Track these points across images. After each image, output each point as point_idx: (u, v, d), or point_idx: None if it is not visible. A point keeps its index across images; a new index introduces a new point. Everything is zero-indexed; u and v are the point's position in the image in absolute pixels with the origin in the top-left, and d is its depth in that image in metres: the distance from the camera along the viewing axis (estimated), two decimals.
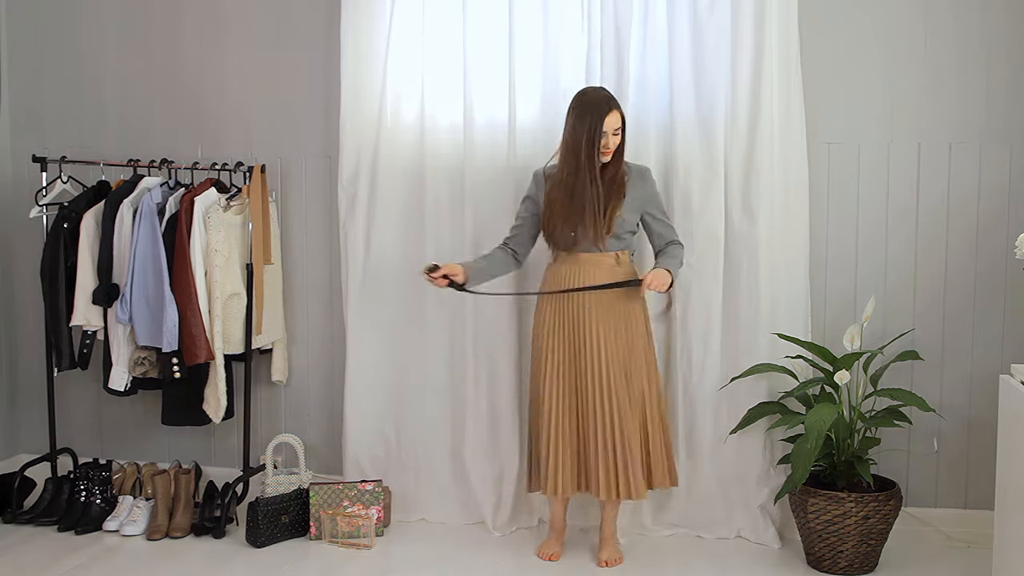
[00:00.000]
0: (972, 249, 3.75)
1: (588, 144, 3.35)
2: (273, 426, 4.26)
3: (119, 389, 3.89)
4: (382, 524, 3.85)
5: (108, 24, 4.31)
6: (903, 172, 3.77)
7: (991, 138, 3.71)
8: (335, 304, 4.16)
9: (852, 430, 3.49)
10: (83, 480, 4.00)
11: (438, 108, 3.90)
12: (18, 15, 4.40)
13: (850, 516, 3.37)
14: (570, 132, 3.38)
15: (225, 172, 4.09)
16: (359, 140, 3.94)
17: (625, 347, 3.44)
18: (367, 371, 3.99)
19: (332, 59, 3.98)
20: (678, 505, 3.82)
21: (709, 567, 3.56)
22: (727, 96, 3.68)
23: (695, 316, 3.74)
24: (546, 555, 3.62)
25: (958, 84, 3.72)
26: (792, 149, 3.68)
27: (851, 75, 3.77)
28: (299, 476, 3.93)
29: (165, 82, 4.27)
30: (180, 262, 3.79)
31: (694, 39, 3.70)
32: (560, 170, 3.43)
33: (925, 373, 3.77)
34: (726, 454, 3.74)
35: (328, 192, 4.13)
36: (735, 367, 3.70)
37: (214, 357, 3.84)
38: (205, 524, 3.87)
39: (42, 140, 4.35)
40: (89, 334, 3.93)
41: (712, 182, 3.70)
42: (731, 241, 3.71)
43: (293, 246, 4.21)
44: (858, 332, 3.56)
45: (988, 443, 3.33)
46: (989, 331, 3.76)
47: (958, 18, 3.70)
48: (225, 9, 4.20)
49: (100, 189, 4.03)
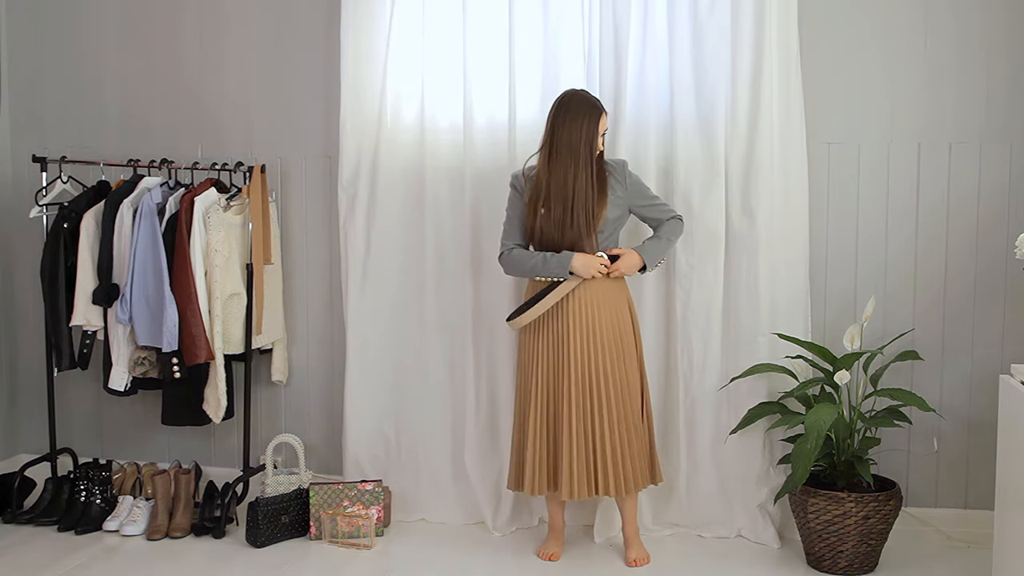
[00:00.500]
0: (972, 249, 3.75)
1: (587, 147, 3.36)
2: (273, 426, 4.26)
3: (119, 389, 3.89)
4: (382, 524, 3.85)
5: (108, 24, 4.31)
6: (903, 172, 3.77)
7: (991, 138, 3.71)
8: (335, 304, 4.16)
9: (852, 430, 3.49)
10: (83, 480, 4.00)
11: (438, 108, 3.90)
12: (18, 15, 4.40)
13: (850, 516, 3.37)
14: (565, 135, 3.37)
15: (225, 172, 4.09)
16: (359, 140, 3.94)
17: (610, 343, 3.43)
18: (367, 371, 3.99)
19: (332, 59, 3.98)
20: (678, 505, 3.82)
21: (709, 567, 3.56)
22: (727, 96, 3.68)
23: (695, 316, 3.74)
24: (546, 555, 3.62)
25: (958, 84, 3.71)
26: (792, 149, 3.68)
27: (851, 75, 3.76)
28: (299, 476, 3.93)
29: (165, 82, 4.27)
30: (180, 262, 3.79)
31: (694, 39, 3.70)
32: (550, 173, 3.39)
33: (925, 373, 3.77)
34: (726, 454, 3.74)
35: (328, 192, 4.13)
36: (735, 367, 3.70)
37: (214, 357, 3.84)
38: (205, 524, 3.87)
39: (42, 140, 4.35)
40: (89, 334, 3.93)
41: (712, 182, 3.70)
42: (731, 241, 3.71)
43: (293, 246, 4.21)
44: (858, 332, 3.56)
45: (988, 443, 3.33)
46: (989, 331, 3.75)
47: (958, 18, 3.70)
48: (225, 9, 4.21)
49: (100, 189, 4.03)
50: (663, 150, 3.76)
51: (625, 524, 3.59)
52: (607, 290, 3.45)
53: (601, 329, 3.43)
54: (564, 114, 3.39)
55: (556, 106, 3.43)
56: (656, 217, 3.54)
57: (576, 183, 3.36)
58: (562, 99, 3.43)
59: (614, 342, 3.44)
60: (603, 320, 3.43)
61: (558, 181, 3.38)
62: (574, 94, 3.44)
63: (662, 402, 3.81)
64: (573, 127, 3.36)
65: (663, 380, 3.82)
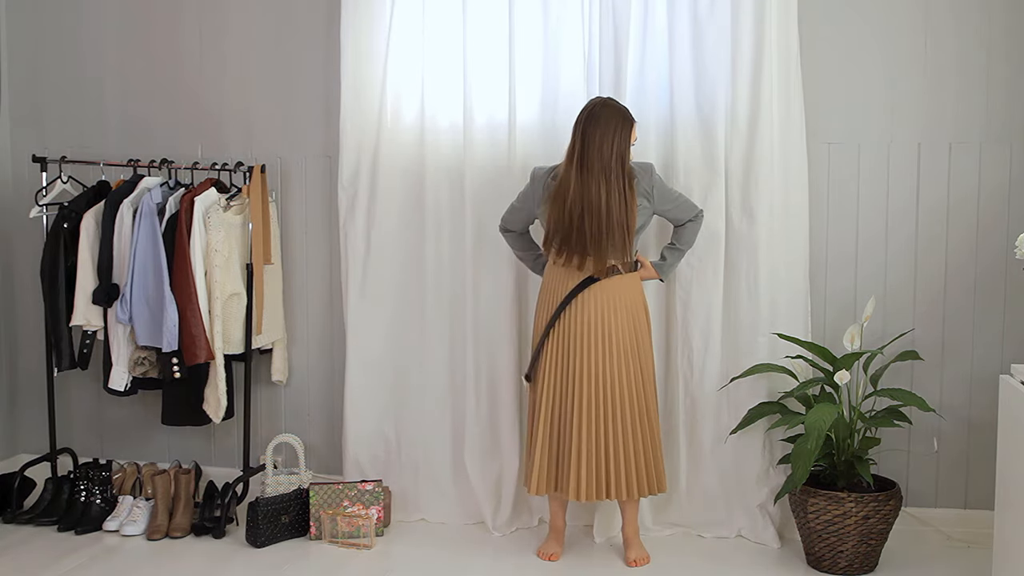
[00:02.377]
0: (972, 249, 3.75)
1: (619, 161, 3.32)
2: (273, 426, 4.26)
3: (119, 389, 3.89)
4: (382, 524, 3.85)
5: (108, 24, 4.31)
6: (903, 172, 3.77)
7: (991, 138, 3.71)
8: (335, 304, 4.16)
9: (852, 430, 3.49)
10: (83, 480, 4.00)
11: (438, 108, 3.90)
12: (18, 15, 4.40)
13: (850, 516, 3.37)
14: (596, 147, 3.30)
15: (225, 172, 4.09)
16: (359, 140, 3.94)
17: (626, 344, 3.43)
18: (367, 371, 3.99)
19: (332, 59, 3.98)
20: (678, 505, 3.82)
21: (709, 567, 3.56)
22: (727, 96, 3.68)
23: (695, 316, 3.74)
24: (546, 555, 3.62)
25: (958, 84, 3.72)
26: (792, 149, 3.68)
27: (851, 75, 3.76)
28: (299, 476, 3.93)
29: (165, 82, 4.27)
30: (180, 262, 3.79)
31: (694, 39, 3.70)
32: (582, 185, 3.32)
33: (925, 373, 3.77)
34: (726, 454, 3.74)
35: (328, 192, 4.13)
36: (735, 367, 3.70)
37: (214, 357, 3.84)
38: (205, 524, 3.87)
39: (42, 140, 4.35)
40: (89, 334, 3.93)
41: (712, 182, 3.70)
42: (731, 241, 3.71)
43: (293, 246, 4.21)
44: (858, 332, 3.56)
45: (988, 443, 3.33)
46: (989, 331, 3.75)
47: (958, 18, 3.70)
48: (225, 9, 4.20)
49: (100, 189, 4.03)
50: (663, 150, 3.76)
51: (625, 524, 3.59)
52: (623, 290, 3.44)
53: (618, 329, 3.42)
54: (594, 125, 3.31)
55: (586, 115, 3.35)
56: (679, 217, 3.54)
57: (610, 199, 3.30)
58: (592, 108, 3.36)
59: (629, 342, 3.44)
60: (619, 320, 3.42)
61: (590, 195, 3.31)
62: (605, 103, 3.37)
63: (662, 402, 3.80)
64: (604, 140, 3.30)
65: (663, 380, 3.82)
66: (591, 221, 3.32)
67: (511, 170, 3.79)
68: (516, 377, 3.85)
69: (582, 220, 3.33)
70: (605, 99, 3.42)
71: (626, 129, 3.35)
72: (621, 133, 3.33)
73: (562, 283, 3.45)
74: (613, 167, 3.31)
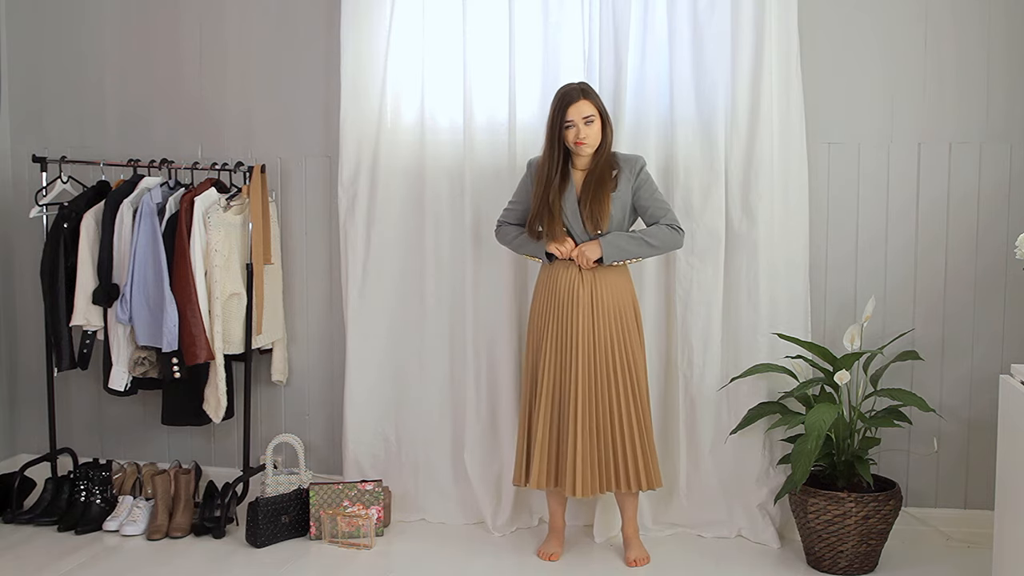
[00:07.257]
0: (972, 249, 3.75)
1: (549, 132, 3.43)
2: (273, 426, 4.26)
3: (119, 389, 3.89)
4: (382, 524, 3.85)
5: (108, 24, 4.31)
6: (903, 172, 3.77)
7: (991, 138, 3.71)
8: (335, 304, 4.16)
9: (852, 430, 3.49)
10: (83, 480, 4.00)
11: (438, 108, 3.91)
12: (18, 15, 4.40)
13: (850, 516, 3.37)
14: (546, 126, 3.46)
15: (225, 172, 4.09)
16: (359, 140, 3.94)
17: (617, 336, 3.44)
18: (367, 371, 3.99)
19: (332, 59, 3.98)
20: (678, 505, 3.82)
21: (709, 567, 3.56)
22: (727, 96, 3.68)
23: (695, 316, 3.74)
24: (546, 555, 3.62)
25: (958, 84, 3.72)
26: (792, 149, 3.68)
27: (851, 75, 3.76)
28: (299, 476, 3.93)
29: (165, 82, 4.27)
30: (180, 262, 3.79)
31: (694, 39, 3.70)
32: (540, 165, 3.50)
33: (925, 373, 3.77)
34: (726, 454, 3.74)
35: (328, 192, 4.13)
36: (735, 367, 3.70)
37: (214, 357, 3.84)
38: (205, 524, 3.87)
39: (42, 140, 4.35)
40: (89, 334, 3.93)
41: (712, 182, 3.70)
42: (731, 241, 3.71)
43: (293, 246, 4.21)
44: (858, 332, 3.56)
45: (988, 443, 3.33)
46: (989, 331, 3.75)
47: (958, 18, 3.70)
48: (225, 9, 4.20)
49: (100, 189, 4.03)
50: (663, 150, 3.76)
51: (625, 524, 3.59)
52: (611, 281, 3.45)
53: (607, 321, 3.43)
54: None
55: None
56: (651, 215, 3.48)
57: (549, 174, 3.44)
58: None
59: (620, 335, 3.45)
60: (608, 312, 3.43)
61: (540, 173, 3.48)
62: (562, 86, 3.49)
63: (662, 402, 3.82)
64: (549, 117, 3.45)
65: (663, 380, 3.82)
66: (540, 195, 3.46)
67: (511, 170, 3.79)
68: (516, 377, 3.85)
69: (535, 194, 3.48)
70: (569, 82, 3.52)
71: (564, 99, 3.40)
72: (560, 104, 3.41)
73: (558, 278, 3.46)
74: (546, 138, 3.46)
